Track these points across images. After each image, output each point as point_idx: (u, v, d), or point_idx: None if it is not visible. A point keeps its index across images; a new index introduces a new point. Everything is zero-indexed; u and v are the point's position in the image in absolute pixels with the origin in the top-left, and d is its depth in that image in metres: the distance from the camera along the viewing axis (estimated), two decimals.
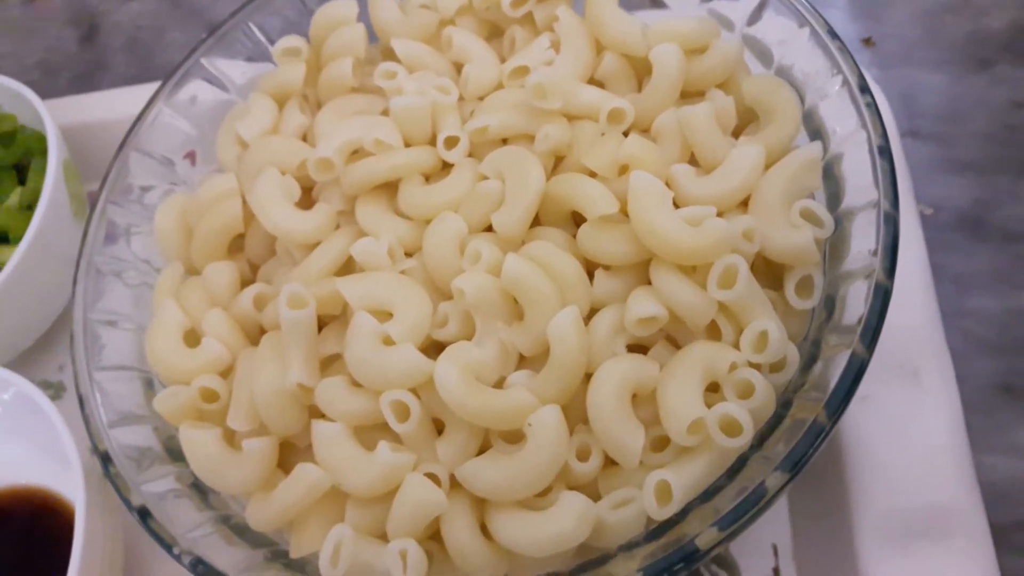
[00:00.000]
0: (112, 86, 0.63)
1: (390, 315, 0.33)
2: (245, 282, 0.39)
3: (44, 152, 0.50)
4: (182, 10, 0.68)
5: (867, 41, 0.54)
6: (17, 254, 0.45)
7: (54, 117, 0.49)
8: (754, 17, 0.37)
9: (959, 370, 0.39)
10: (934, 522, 0.35)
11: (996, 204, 0.48)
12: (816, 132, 0.35)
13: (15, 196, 0.50)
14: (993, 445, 0.42)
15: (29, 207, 0.50)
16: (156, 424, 0.36)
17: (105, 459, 0.33)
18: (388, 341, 0.32)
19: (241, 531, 0.33)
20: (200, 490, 0.35)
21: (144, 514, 0.32)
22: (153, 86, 0.42)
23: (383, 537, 0.31)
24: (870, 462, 0.36)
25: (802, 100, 0.35)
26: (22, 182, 0.52)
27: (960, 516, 0.35)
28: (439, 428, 0.32)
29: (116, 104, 0.55)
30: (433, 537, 0.31)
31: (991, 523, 0.35)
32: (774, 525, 0.40)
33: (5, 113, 0.52)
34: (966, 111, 0.51)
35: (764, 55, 0.38)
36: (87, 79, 0.67)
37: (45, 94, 0.52)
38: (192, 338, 0.37)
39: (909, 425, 0.37)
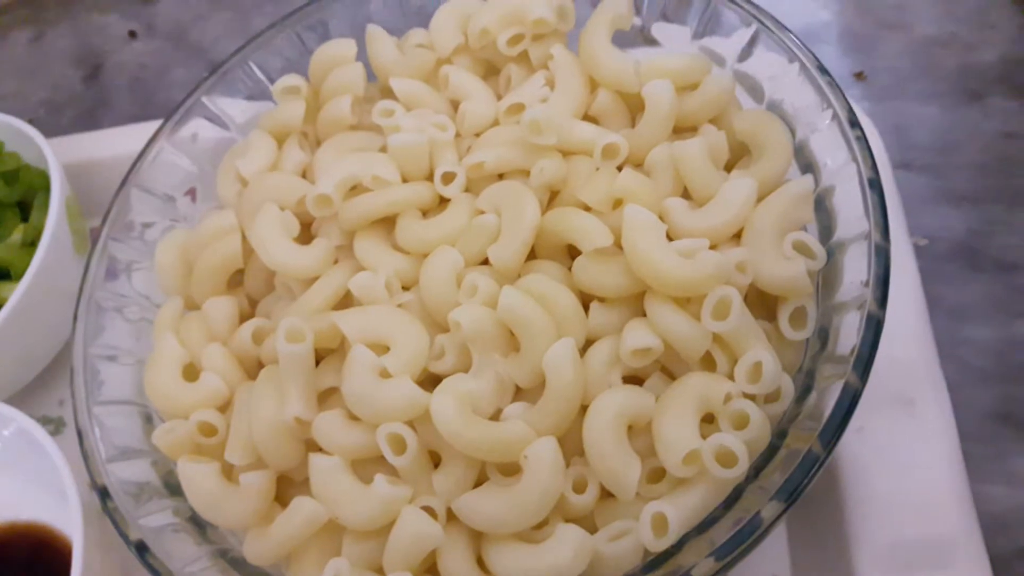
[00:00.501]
0: (115, 124, 0.64)
1: (387, 349, 0.33)
2: (244, 317, 0.39)
3: (47, 189, 0.51)
4: (184, 50, 0.70)
5: (859, 75, 0.55)
6: (19, 290, 0.45)
7: (57, 155, 0.50)
8: (745, 53, 0.38)
9: (956, 400, 0.39)
10: (933, 553, 0.35)
11: (990, 234, 0.49)
12: (808, 165, 0.35)
13: (18, 233, 0.51)
14: (992, 474, 0.42)
15: (32, 244, 0.50)
16: (155, 458, 0.36)
17: (103, 494, 0.33)
18: (385, 374, 0.32)
19: (239, 565, 0.33)
20: (198, 524, 0.35)
21: (142, 548, 0.32)
22: (155, 124, 0.43)
23: (380, 571, 0.31)
24: (868, 493, 0.36)
25: (793, 134, 0.36)
26: (25, 219, 0.52)
27: (959, 546, 0.35)
28: (436, 461, 0.33)
29: (118, 142, 0.56)
30: (430, 570, 0.31)
31: (991, 553, 0.35)
32: (773, 556, 0.40)
33: (9, 152, 0.53)
34: (959, 143, 0.52)
35: (755, 90, 0.38)
36: (91, 117, 0.68)
37: (50, 132, 0.53)
38: (191, 372, 0.37)
39: (906, 456, 0.37)
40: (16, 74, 0.72)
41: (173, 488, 0.35)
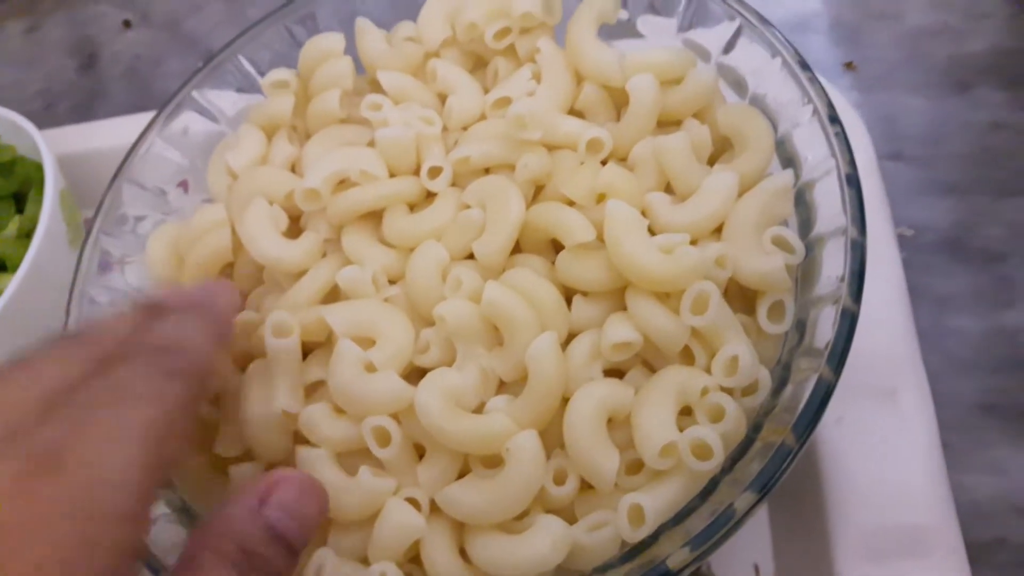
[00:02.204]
0: (111, 114, 0.64)
1: (373, 342, 0.34)
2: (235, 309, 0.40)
3: (42, 181, 0.51)
4: (179, 39, 0.70)
5: (848, 65, 0.55)
6: (13, 283, 0.46)
7: (52, 146, 0.51)
8: (729, 46, 0.38)
9: (940, 390, 0.39)
10: (911, 541, 0.35)
11: (976, 225, 0.49)
12: (788, 160, 0.36)
13: (14, 225, 0.51)
14: (974, 464, 0.42)
15: (28, 235, 0.51)
16: None
17: None
18: (371, 368, 0.33)
19: None
20: (189, 514, 0.35)
21: None
22: (148, 115, 0.43)
23: (365, 561, 0.31)
24: (847, 482, 0.37)
25: (775, 128, 0.36)
26: (21, 211, 0.53)
27: (936, 535, 0.35)
28: (420, 453, 0.33)
29: (112, 133, 0.56)
30: (413, 560, 0.32)
31: (971, 541, 0.36)
32: (755, 545, 0.40)
33: (4, 144, 0.53)
34: (947, 133, 0.52)
35: (739, 85, 0.39)
36: (87, 107, 0.68)
37: (46, 122, 0.54)
38: None
39: (886, 446, 0.37)
40: (12, 65, 0.72)
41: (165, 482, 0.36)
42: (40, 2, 0.76)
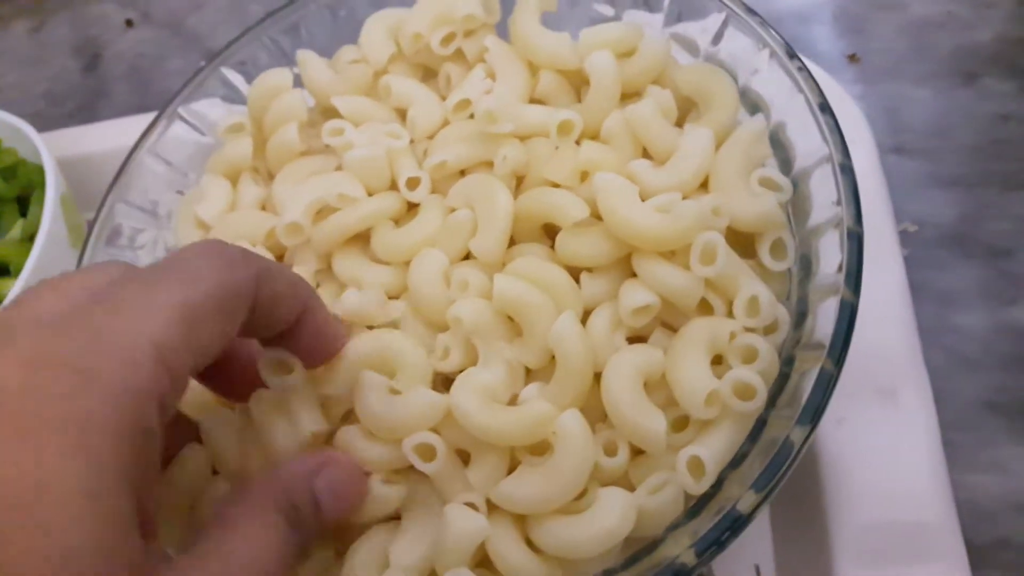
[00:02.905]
0: (114, 114, 0.65)
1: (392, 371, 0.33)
2: None
3: (44, 184, 0.51)
4: (181, 37, 0.70)
5: (852, 57, 0.55)
6: (16, 287, 0.46)
7: (54, 149, 0.52)
8: (717, 37, 0.39)
9: (944, 387, 0.39)
10: (911, 541, 0.35)
11: (982, 219, 0.48)
12: (755, 106, 0.37)
13: (17, 228, 0.51)
14: (977, 463, 0.42)
15: (31, 239, 0.51)
16: None
17: None
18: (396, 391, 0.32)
19: None
20: None
21: None
22: (148, 117, 0.43)
23: (433, 574, 0.31)
24: (847, 482, 0.36)
25: (735, 80, 0.37)
26: (24, 214, 0.53)
27: (937, 535, 0.35)
28: (464, 459, 0.33)
29: (113, 135, 0.57)
30: (481, 564, 0.31)
31: (974, 541, 0.36)
32: (757, 546, 0.40)
33: (7, 147, 0.53)
34: (952, 125, 0.51)
35: (690, 46, 0.40)
36: (90, 108, 0.69)
37: (50, 124, 0.54)
38: None
39: (887, 447, 0.37)
40: (17, 66, 0.73)
41: None
42: (44, 2, 0.76)
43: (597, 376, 0.32)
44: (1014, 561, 0.39)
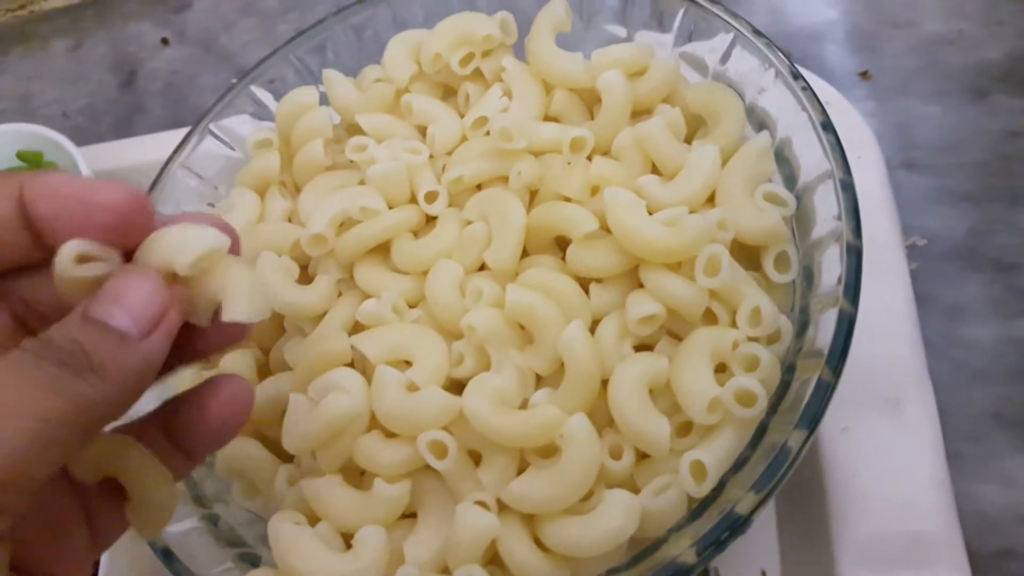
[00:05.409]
0: (149, 129, 0.67)
1: (407, 364, 0.35)
2: (259, 366, 0.41)
3: None
4: (214, 56, 0.73)
5: (864, 74, 0.55)
6: None
7: (91, 162, 0.54)
8: (725, 57, 0.40)
9: (950, 399, 0.39)
10: (915, 551, 0.36)
11: (990, 234, 0.49)
12: (762, 123, 0.38)
13: None
14: (983, 474, 0.42)
15: None
16: None
17: None
18: (413, 387, 0.34)
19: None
20: (217, 524, 0.36)
21: (168, 554, 0.33)
22: (182, 131, 0.45)
23: (445, 571, 0.32)
24: (852, 491, 0.37)
25: (742, 97, 0.39)
26: None
27: (941, 545, 0.36)
28: (476, 460, 0.34)
29: (147, 149, 0.58)
30: (491, 562, 0.33)
31: (979, 551, 0.36)
32: (763, 551, 0.41)
33: (47, 161, 0.56)
34: (962, 141, 0.52)
35: (700, 65, 0.41)
36: (126, 122, 0.72)
37: (89, 138, 0.56)
38: None
39: (891, 456, 0.38)
40: (57, 82, 0.76)
41: (201, 500, 0.36)
42: (83, 20, 0.79)
43: (604, 382, 0.33)
44: (1018, 571, 0.40)
